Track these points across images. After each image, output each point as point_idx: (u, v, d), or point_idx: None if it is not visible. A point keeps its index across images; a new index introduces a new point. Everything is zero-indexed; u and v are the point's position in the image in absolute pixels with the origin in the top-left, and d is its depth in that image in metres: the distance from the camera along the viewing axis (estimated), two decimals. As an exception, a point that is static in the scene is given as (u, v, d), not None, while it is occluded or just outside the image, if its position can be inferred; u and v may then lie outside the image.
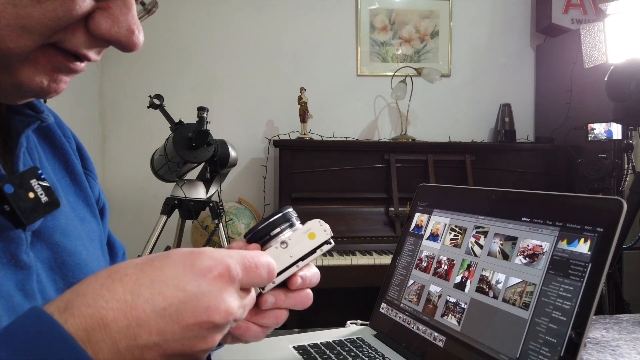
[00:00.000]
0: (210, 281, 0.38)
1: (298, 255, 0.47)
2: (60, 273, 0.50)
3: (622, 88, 1.53)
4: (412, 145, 2.83)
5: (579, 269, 0.56)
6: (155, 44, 2.95)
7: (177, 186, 2.14)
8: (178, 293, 0.37)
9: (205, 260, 0.39)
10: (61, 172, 0.57)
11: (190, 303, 0.37)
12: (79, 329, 0.34)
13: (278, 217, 0.48)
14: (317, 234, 0.48)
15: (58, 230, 0.50)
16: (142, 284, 0.37)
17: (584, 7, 3.03)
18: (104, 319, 0.35)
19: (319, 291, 0.45)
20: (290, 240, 0.47)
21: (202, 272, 0.38)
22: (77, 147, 0.62)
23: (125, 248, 0.72)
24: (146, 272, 0.38)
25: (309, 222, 0.49)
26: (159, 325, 0.36)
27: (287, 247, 0.47)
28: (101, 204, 0.64)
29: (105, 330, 0.35)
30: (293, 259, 0.47)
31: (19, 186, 0.45)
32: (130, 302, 0.36)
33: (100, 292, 0.36)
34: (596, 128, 2.30)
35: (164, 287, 0.37)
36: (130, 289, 0.37)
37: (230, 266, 0.40)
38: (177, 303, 0.37)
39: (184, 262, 0.39)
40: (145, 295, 0.37)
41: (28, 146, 0.51)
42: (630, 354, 0.82)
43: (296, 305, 0.49)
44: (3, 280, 0.43)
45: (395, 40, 3.15)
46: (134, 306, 0.36)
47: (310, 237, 0.48)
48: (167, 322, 0.36)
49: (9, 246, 0.44)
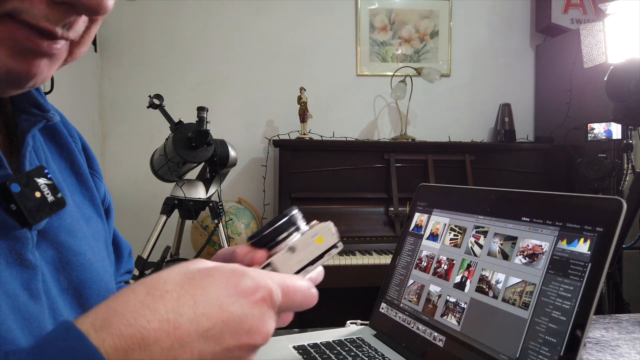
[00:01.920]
0: (253, 304, 0.38)
1: (307, 261, 0.46)
2: (64, 273, 0.50)
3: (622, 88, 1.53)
4: (412, 145, 2.83)
5: (579, 269, 0.56)
6: (155, 44, 2.95)
7: (177, 186, 2.14)
8: (222, 314, 0.36)
9: (249, 281, 0.38)
10: (67, 172, 0.57)
11: (233, 325, 0.37)
12: (117, 349, 0.33)
13: (284, 221, 0.47)
14: (325, 238, 0.47)
15: (63, 230, 0.50)
16: (185, 303, 0.36)
17: (584, 7, 3.03)
18: (145, 340, 0.34)
19: (319, 291, 0.44)
20: (297, 245, 0.46)
21: (245, 293, 0.38)
22: (83, 146, 0.62)
23: (131, 247, 0.72)
24: (187, 291, 0.37)
25: (317, 226, 0.48)
26: (201, 346, 0.36)
27: (295, 252, 0.46)
28: (106, 204, 0.64)
29: (145, 351, 0.34)
30: (301, 264, 0.46)
31: (25, 185, 0.45)
32: (174, 322, 0.35)
33: (141, 311, 0.35)
34: (596, 128, 2.31)
35: (208, 308, 0.36)
36: (172, 308, 0.35)
37: (272, 290, 0.39)
38: (220, 324, 0.36)
39: (227, 282, 0.38)
40: (189, 315, 0.36)
41: (34, 145, 0.50)
42: (630, 354, 0.82)
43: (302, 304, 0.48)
44: (8, 279, 0.43)
45: (395, 40, 3.15)
46: (177, 326, 0.35)
47: (318, 242, 0.47)
48: (210, 343, 0.36)
49: (15, 245, 0.44)
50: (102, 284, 0.53)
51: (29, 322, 0.43)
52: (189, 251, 2.72)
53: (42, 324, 0.44)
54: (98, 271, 0.54)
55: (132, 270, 0.72)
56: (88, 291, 0.51)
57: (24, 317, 0.42)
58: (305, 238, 0.47)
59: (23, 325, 0.42)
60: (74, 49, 0.44)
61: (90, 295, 0.51)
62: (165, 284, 0.37)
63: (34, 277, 0.45)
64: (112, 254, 0.64)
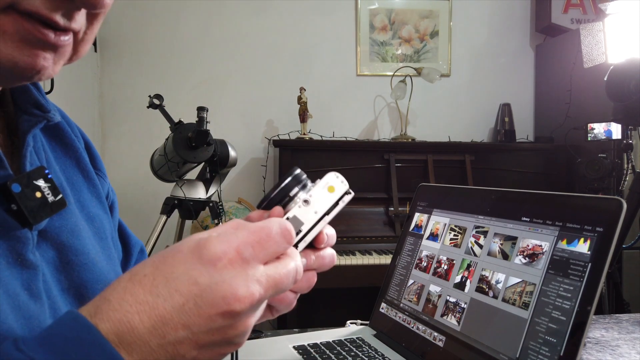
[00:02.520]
0: (221, 270, 0.38)
1: (323, 210, 0.46)
2: (65, 273, 0.50)
3: (622, 88, 1.53)
4: (412, 145, 2.83)
5: (579, 269, 0.56)
6: (155, 44, 2.95)
7: (177, 186, 2.14)
8: (192, 287, 0.37)
9: (212, 248, 0.38)
10: (73, 170, 0.57)
11: (205, 296, 0.37)
12: (110, 332, 0.35)
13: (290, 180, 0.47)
14: (336, 187, 0.47)
15: (65, 230, 0.50)
16: (159, 283, 0.37)
17: (584, 7, 3.03)
18: (130, 323, 0.36)
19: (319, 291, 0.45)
20: (311, 197, 0.46)
21: (211, 261, 0.38)
22: (86, 144, 0.62)
23: (143, 244, 0.72)
24: (161, 271, 0.38)
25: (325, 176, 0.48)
26: (182, 321, 0.37)
27: (310, 204, 0.46)
28: (110, 201, 0.64)
29: (134, 333, 0.36)
30: (319, 215, 0.46)
31: (26, 185, 0.45)
32: (152, 303, 0.37)
33: (124, 296, 0.37)
34: (596, 128, 2.31)
35: (179, 284, 0.37)
36: (149, 290, 0.37)
37: (239, 249, 0.38)
38: (193, 297, 0.37)
39: (192, 254, 0.38)
40: (164, 294, 0.37)
41: (35, 146, 0.51)
42: (630, 354, 0.82)
43: (323, 265, 0.48)
44: (9, 279, 0.43)
45: (395, 40, 3.15)
46: (155, 306, 0.37)
47: (330, 191, 0.47)
48: (190, 316, 0.37)
49: (16, 245, 0.44)
50: (106, 283, 0.53)
51: (30, 321, 0.43)
52: (189, 251, 2.72)
53: (42, 324, 0.44)
54: (102, 271, 0.54)
55: None
56: (90, 291, 0.51)
57: (25, 317, 0.43)
58: (317, 189, 0.47)
59: (24, 325, 0.42)
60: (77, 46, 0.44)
61: (92, 295, 0.51)
62: (144, 267, 0.39)
63: (35, 277, 0.45)
64: (120, 250, 0.64)
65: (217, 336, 0.38)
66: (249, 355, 0.72)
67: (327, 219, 0.47)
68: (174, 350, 0.37)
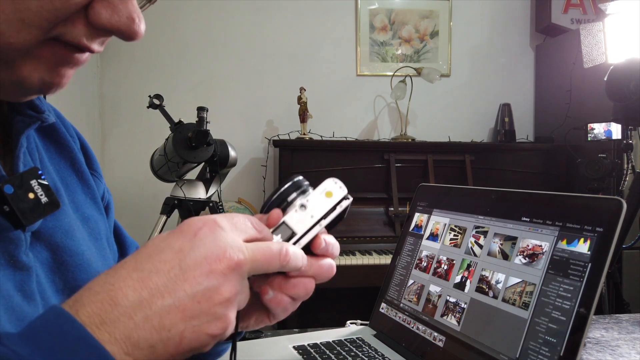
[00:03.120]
0: (200, 236, 0.40)
1: (319, 215, 0.47)
2: (59, 274, 0.50)
3: (622, 88, 1.53)
4: (412, 145, 2.83)
5: (579, 269, 0.56)
6: (155, 44, 2.95)
7: (177, 186, 2.14)
8: (175, 255, 0.39)
9: (192, 222, 0.41)
10: (68, 171, 0.57)
11: (189, 258, 0.39)
12: (92, 314, 0.36)
13: (289, 185, 0.49)
14: (334, 192, 0.49)
15: (59, 231, 0.50)
16: (142, 260, 0.39)
17: (584, 7, 3.03)
18: (113, 299, 0.36)
19: (319, 291, 0.44)
20: (308, 202, 0.47)
21: (193, 232, 0.40)
22: (82, 145, 0.62)
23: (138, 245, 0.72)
24: (141, 252, 0.40)
25: (323, 182, 0.49)
26: (169, 287, 0.38)
27: (307, 208, 0.47)
28: (105, 202, 0.64)
29: (117, 309, 0.36)
30: (315, 219, 0.47)
31: (18, 187, 0.45)
32: (137, 277, 0.38)
33: (106, 279, 0.38)
34: (596, 128, 2.31)
35: (163, 255, 0.39)
36: (133, 267, 0.38)
37: (216, 219, 0.41)
38: (178, 262, 0.38)
39: (173, 231, 0.41)
40: (149, 267, 0.38)
41: (29, 147, 0.50)
42: (630, 354, 0.82)
43: (320, 274, 0.48)
44: (2, 280, 0.43)
45: (395, 40, 3.15)
46: (141, 278, 0.38)
47: (327, 196, 0.48)
48: (175, 281, 0.38)
49: (8, 247, 0.44)
50: None
51: (24, 323, 0.43)
52: (189, 251, 2.72)
53: None
54: (97, 271, 0.53)
55: None
56: None
57: (18, 319, 0.43)
58: (315, 194, 0.48)
59: (17, 326, 0.42)
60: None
61: None
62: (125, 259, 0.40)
63: (28, 279, 0.45)
64: (115, 251, 0.64)
65: (203, 303, 0.38)
66: (249, 355, 0.72)
67: (323, 223, 0.47)
68: (160, 323, 0.37)
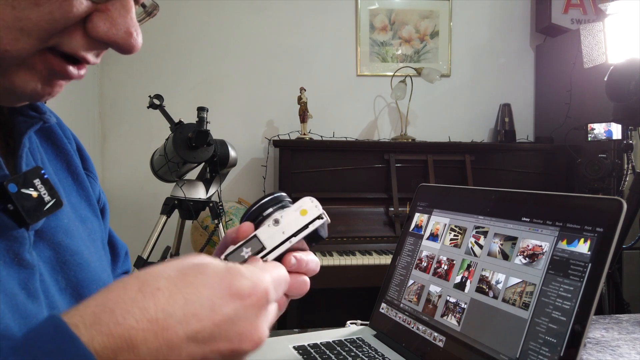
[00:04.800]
0: (247, 307, 0.37)
1: (291, 232, 0.48)
2: (62, 272, 0.50)
3: (622, 88, 1.53)
4: (412, 145, 2.83)
5: (579, 269, 0.56)
6: (155, 44, 2.95)
7: (177, 186, 2.14)
8: (214, 316, 0.36)
9: (244, 282, 0.37)
10: (63, 173, 0.57)
11: (224, 327, 0.36)
12: (106, 348, 0.33)
13: (269, 199, 0.50)
14: (309, 210, 0.49)
15: (60, 230, 0.51)
16: (176, 302, 0.35)
17: (584, 7, 3.03)
18: (133, 340, 0.33)
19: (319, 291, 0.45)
20: (282, 218, 0.48)
21: (240, 295, 0.37)
22: (78, 147, 0.62)
23: (127, 248, 0.72)
24: (180, 289, 0.36)
25: (300, 200, 0.49)
26: (190, 349, 0.35)
27: (280, 224, 0.48)
28: (101, 204, 0.64)
29: (133, 352, 0.33)
30: (285, 235, 0.47)
31: (22, 185, 0.45)
32: (163, 322, 0.34)
33: (131, 309, 0.34)
34: (596, 128, 2.31)
35: (199, 309, 0.35)
36: (162, 307, 0.35)
37: (268, 290, 0.39)
38: (211, 326, 0.35)
39: (221, 281, 0.37)
40: (179, 316, 0.35)
41: (30, 147, 0.51)
42: (630, 354, 0.82)
43: (291, 290, 0.47)
44: (6, 279, 0.43)
45: (395, 40, 3.15)
46: (166, 327, 0.34)
47: (302, 214, 0.48)
48: (199, 345, 0.35)
49: (12, 245, 0.44)
50: (101, 283, 0.54)
51: (27, 321, 0.43)
52: (189, 251, 2.72)
53: None
54: (96, 270, 0.54)
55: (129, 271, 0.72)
56: (86, 290, 0.52)
57: (22, 316, 0.43)
58: (289, 211, 0.49)
59: (21, 324, 0.42)
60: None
61: (88, 294, 0.51)
62: (158, 280, 0.36)
63: (32, 277, 0.45)
64: (109, 254, 0.64)
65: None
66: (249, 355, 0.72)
67: (293, 240, 0.48)
68: None
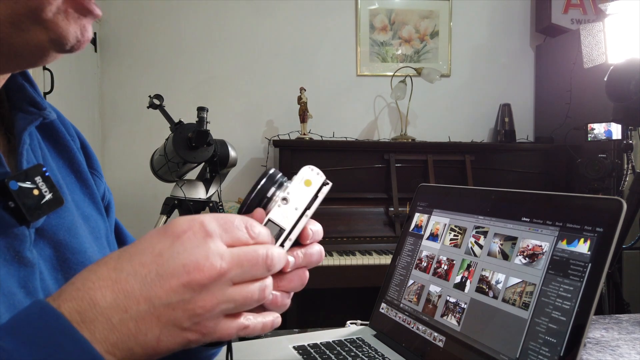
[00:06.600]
0: (185, 240, 0.39)
1: (303, 206, 0.46)
2: (62, 271, 0.50)
3: (622, 88, 1.53)
4: (412, 145, 2.83)
5: (579, 269, 0.56)
6: (155, 44, 2.95)
7: (177, 186, 2.14)
8: (155, 258, 0.38)
9: (177, 223, 0.40)
10: (65, 170, 0.57)
11: (167, 264, 0.38)
12: (72, 311, 0.36)
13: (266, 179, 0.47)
14: (313, 180, 0.48)
15: (62, 228, 0.50)
16: (123, 260, 0.39)
17: (584, 7, 3.03)
18: (92, 299, 0.37)
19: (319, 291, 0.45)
20: (289, 194, 0.46)
21: (176, 234, 0.39)
22: (82, 144, 0.62)
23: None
24: (126, 250, 0.40)
25: (300, 172, 0.48)
26: (144, 293, 0.37)
27: (289, 201, 0.46)
28: (106, 202, 0.64)
29: (96, 309, 0.36)
30: (300, 211, 0.46)
31: (23, 183, 0.45)
32: (115, 278, 0.38)
33: (87, 276, 0.38)
34: (596, 128, 2.31)
35: (143, 257, 0.38)
36: (113, 267, 0.38)
37: (203, 222, 0.40)
38: (156, 267, 0.38)
39: (158, 231, 0.40)
40: (127, 269, 0.38)
41: (31, 144, 0.51)
42: (630, 354, 0.82)
43: (311, 262, 0.47)
44: (5, 277, 0.43)
45: (395, 40, 3.15)
46: (118, 280, 0.37)
47: (307, 185, 0.47)
48: (151, 287, 0.37)
49: (13, 243, 0.44)
50: None
51: None
52: (189, 251, 2.72)
53: None
54: None
55: None
56: None
57: None
58: (294, 185, 0.47)
59: None
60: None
61: None
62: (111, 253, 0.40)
63: (32, 275, 0.45)
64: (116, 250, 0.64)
65: (179, 311, 0.37)
66: (249, 355, 0.72)
67: (309, 214, 0.46)
68: (136, 327, 0.37)
